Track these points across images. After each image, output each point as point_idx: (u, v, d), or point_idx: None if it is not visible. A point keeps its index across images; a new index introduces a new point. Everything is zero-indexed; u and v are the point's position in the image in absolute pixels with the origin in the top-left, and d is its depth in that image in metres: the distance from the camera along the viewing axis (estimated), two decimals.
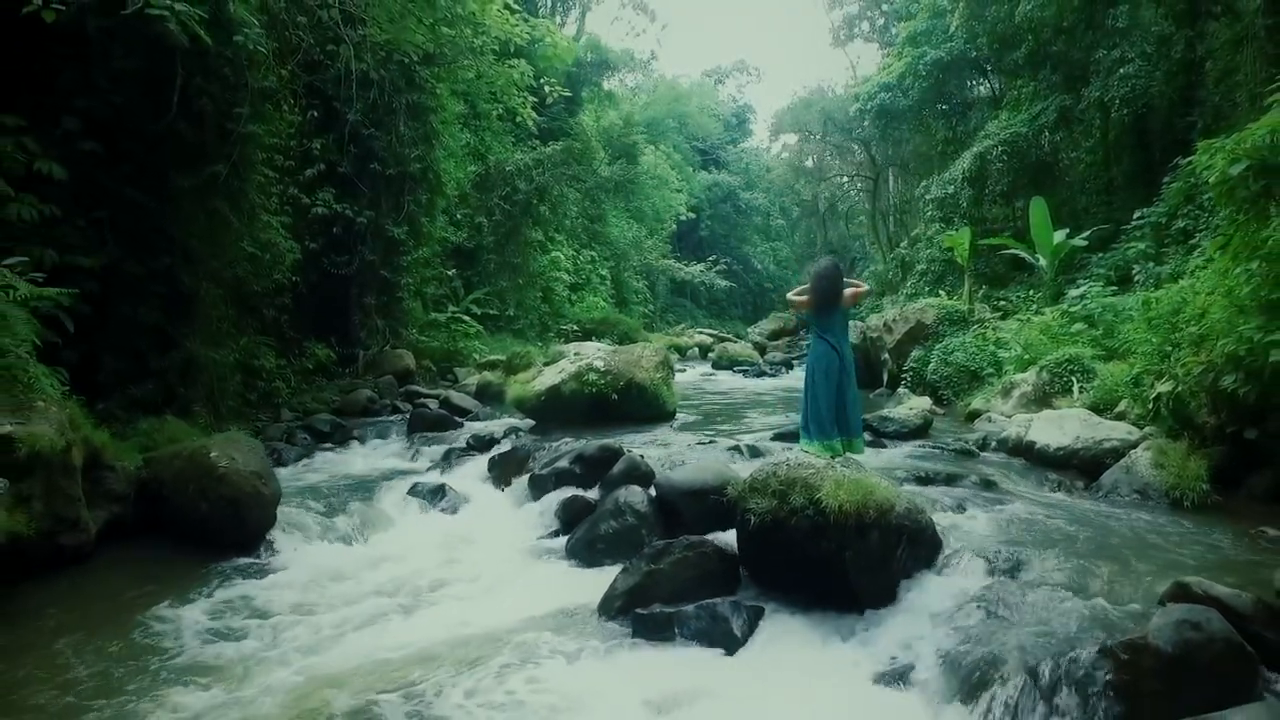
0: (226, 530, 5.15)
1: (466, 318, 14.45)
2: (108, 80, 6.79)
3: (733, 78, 49.60)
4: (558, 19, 27.90)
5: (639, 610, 3.81)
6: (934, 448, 6.90)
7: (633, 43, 45.16)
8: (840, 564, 3.66)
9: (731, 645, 3.57)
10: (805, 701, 3.06)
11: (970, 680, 2.96)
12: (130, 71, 6.85)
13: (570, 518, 5.51)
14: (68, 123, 6.63)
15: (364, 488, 6.59)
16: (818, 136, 39.81)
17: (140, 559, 4.99)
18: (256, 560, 5.01)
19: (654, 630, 3.70)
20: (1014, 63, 18.37)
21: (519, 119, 12.84)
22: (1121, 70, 14.56)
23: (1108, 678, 2.71)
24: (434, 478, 6.84)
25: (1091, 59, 15.59)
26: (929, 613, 3.53)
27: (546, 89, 12.42)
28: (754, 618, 3.72)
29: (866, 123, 26.44)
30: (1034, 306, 11.88)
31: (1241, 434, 4.91)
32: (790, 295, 5.25)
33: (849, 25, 35.69)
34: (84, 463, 5.09)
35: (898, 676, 3.20)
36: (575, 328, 18.98)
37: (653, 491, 5.19)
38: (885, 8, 31.77)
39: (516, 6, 11.44)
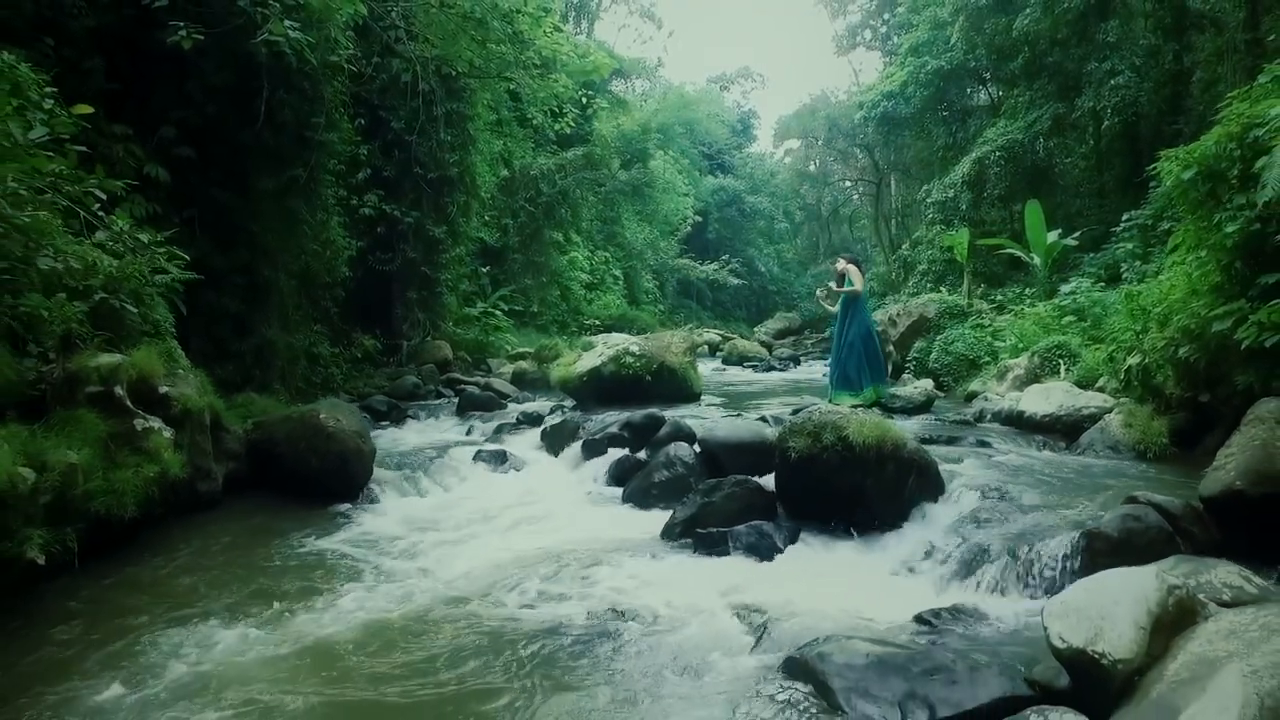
0: (334, 482, 5.97)
1: (497, 312, 15.40)
2: (201, 94, 7.63)
3: (737, 84, 50.60)
4: (568, 25, 28.87)
5: (698, 530, 4.70)
6: (936, 420, 7.80)
7: (640, 49, 46.13)
8: (862, 491, 4.56)
9: (775, 554, 4.45)
10: (837, 586, 3.93)
11: (966, 565, 3.85)
12: (221, 86, 7.69)
13: (622, 473, 6.37)
14: (165, 131, 7.47)
15: (432, 455, 7.46)
16: (821, 142, 40.78)
17: (263, 505, 5.84)
18: (361, 506, 5.88)
19: (711, 545, 4.58)
20: (1011, 73, 19.30)
21: (557, 127, 13.73)
22: (1112, 81, 15.44)
23: (1070, 556, 3.60)
24: (493, 446, 7.71)
25: (1084, 70, 16.48)
26: (935, 527, 4.43)
27: (584, 100, 13.34)
28: (793, 535, 4.61)
29: (870, 129, 27.35)
30: (1028, 301, 12.75)
31: (1198, 399, 5.81)
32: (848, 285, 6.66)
33: (851, 34, 36.71)
34: (210, 423, 5.98)
35: (909, 570, 4.10)
36: (597, 323, 19.94)
37: (697, 448, 6.09)
38: (887, 17, 32.69)
39: (560, 26, 12.37)
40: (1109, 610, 2.36)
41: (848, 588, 3.89)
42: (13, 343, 4.49)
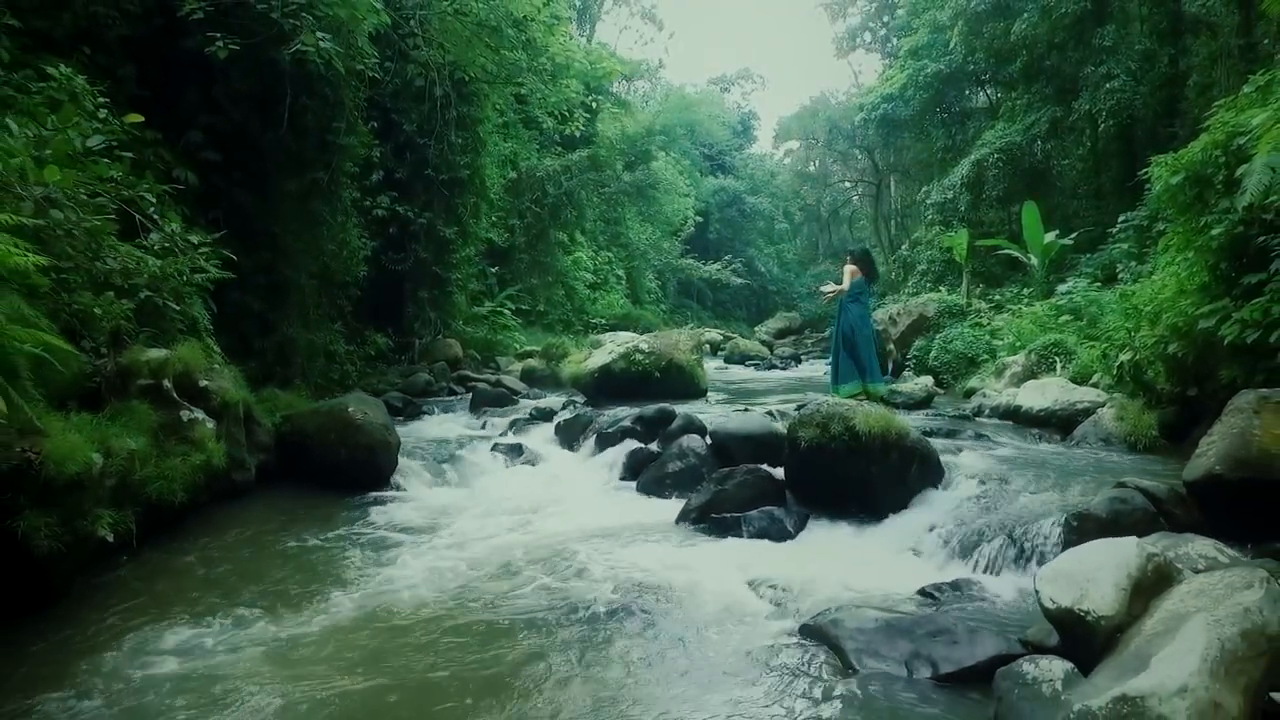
0: (362, 473, 6.25)
1: (505, 311, 15.70)
2: (227, 100, 7.88)
3: (738, 85, 50.87)
4: (572, 28, 29.14)
5: (713, 515, 4.99)
6: (936, 414, 8.09)
7: (641, 51, 46.53)
8: (868, 478, 4.85)
9: (786, 537, 4.74)
10: (846, 565, 4.21)
11: (966, 545, 4.14)
12: (246, 92, 7.93)
13: (636, 464, 6.62)
14: (192, 136, 7.73)
15: (451, 447, 7.73)
16: (821, 143, 41.10)
17: (294, 494, 6.10)
18: (389, 493, 6.16)
19: (725, 528, 4.87)
20: (1009, 76, 19.60)
21: (565, 130, 14.03)
22: (1109, 84, 15.73)
23: (1062, 535, 3.88)
24: (509, 440, 7.98)
25: (1081, 73, 16.77)
26: (936, 512, 4.72)
27: (592, 104, 13.64)
28: (802, 519, 4.90)
29: (869, 130, 27.64)
30: (1026, 301, 13.04)
31: (1186, 393, 6.09)
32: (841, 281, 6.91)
33: (851, 36, 37.02)
34: (243, 416, 6.25)
35: (913, 550, 4.39)
36: (601, 322, 20.26)
37: (708, 440, 6.37)
38: (887, 20, 33.00)
39: (575, 34, 12.66)
40: (1094, 574, 2.65)
41: (855, 566, 4.17)
42: (68, 338, 4.77)
